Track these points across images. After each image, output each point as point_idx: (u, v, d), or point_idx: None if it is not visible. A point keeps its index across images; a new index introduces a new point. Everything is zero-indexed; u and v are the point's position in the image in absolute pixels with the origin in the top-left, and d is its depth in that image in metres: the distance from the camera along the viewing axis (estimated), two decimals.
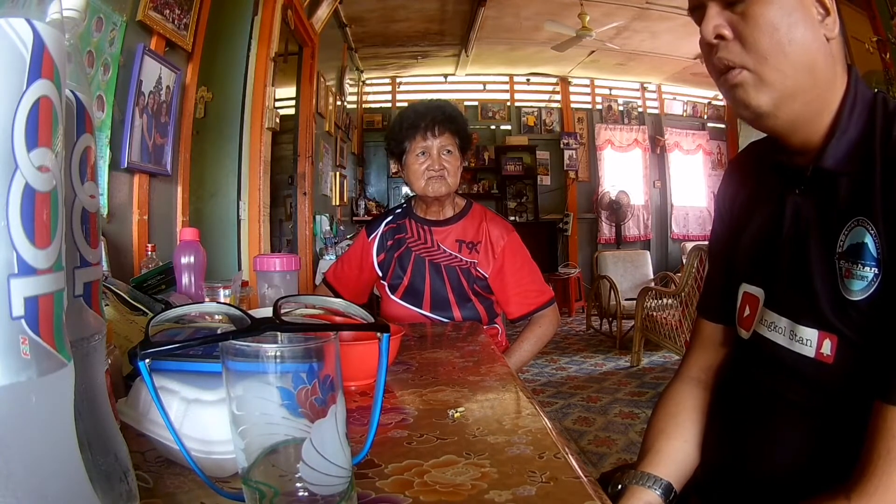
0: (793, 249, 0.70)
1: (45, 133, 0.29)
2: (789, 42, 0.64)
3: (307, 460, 0.39)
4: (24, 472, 0.28)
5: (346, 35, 5.51)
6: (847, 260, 0.63)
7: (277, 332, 0.42)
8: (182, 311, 0.47)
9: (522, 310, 1.54)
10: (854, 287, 0.62)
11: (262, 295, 1.18)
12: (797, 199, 0.71)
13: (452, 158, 1.52)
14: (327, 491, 0.40)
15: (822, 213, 0.68)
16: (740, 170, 0.86)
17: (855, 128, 0.66)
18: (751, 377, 0.76)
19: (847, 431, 0.61)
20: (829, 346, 0.65)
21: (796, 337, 0.68)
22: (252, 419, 0.39)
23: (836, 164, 0.66)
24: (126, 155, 1.81)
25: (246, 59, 2.72)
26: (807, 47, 0.65)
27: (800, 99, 0.66)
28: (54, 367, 0.29)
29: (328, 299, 0.53)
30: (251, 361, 0.38)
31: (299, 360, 0.39)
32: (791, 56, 0.65)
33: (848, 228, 0.63)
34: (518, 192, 7.14)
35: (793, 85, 0.66)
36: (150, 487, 0.50)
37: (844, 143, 0.65)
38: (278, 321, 0.42)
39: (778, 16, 0.65)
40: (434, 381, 0.86)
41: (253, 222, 2.74)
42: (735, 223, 0.82)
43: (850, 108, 0.66)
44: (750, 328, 0.76)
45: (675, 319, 3.55)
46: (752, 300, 0.77)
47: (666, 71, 6.81)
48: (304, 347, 0.40)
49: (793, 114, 0.67)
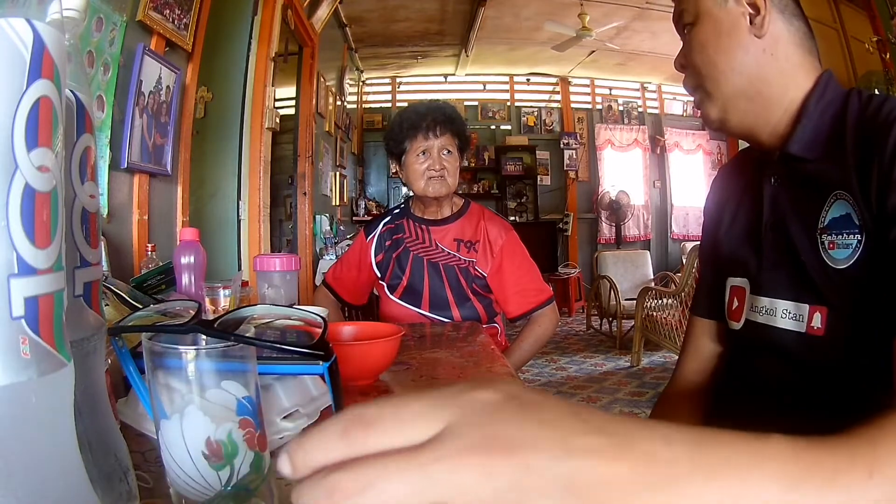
0: (774, 234, 0.74)
1: (45, 133, 0.29)
2: (716, 52, 0.73)
3: (165, 457, 0.40)
4: (24, 472, 0.28)
5: (346, 35, 5.51)
6: (830, 233, 0.66)
7: (203, 334, 0.42)
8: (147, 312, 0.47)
9: (521, 308, 1.54)
10: (839, 256, 0.65)
11: (262, 295, 1.19)
12: (773, 187, 0.75)
13: (452, 159, 1.52)
14: (193, 496, 0.40)
15: (796, 195, 0.71)
16: (728, 176, 0.89)
17: (822, 117, 0.69)
18: (746, 366, 0.78)
19: (840, 413, 0.62)
20: (819, 319, 0.67)
21: (789, 314, 0.71)
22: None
23: (802, 149, 0.70)
24: (126, 155, 1.81)
25: (246, 59, 2.72)
26: (732, 52, 0.72)
27: (742, 97, 0.73)
28: (54, 367, 0.29)
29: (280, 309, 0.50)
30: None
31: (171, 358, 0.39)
32: (720, 64, 0.73)
33: (829, 204, 0.67)
34: (518, 192, 7.14)
35: (729, 88, 0.73)
36: (150, 487, 0.50)
37: (810, 130, 0.69)
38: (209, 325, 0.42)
39: (705, 35, 0.74)
40: (434, 381, 0.86)
41: (253, 222, 2.74)
42: (721, 222, 0.86)
43: (817, 100, 0.70)
44: (740, 318, 0.79)
45: (675, 319, 3.55)
46: (738, 292, 0.80)
47: (666, 71, 6.81)
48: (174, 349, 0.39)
49: (741, 113, 0.74)
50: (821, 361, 0.67)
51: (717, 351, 0.88)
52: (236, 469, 0.39)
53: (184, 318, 0.43)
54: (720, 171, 0.94)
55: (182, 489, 0.39)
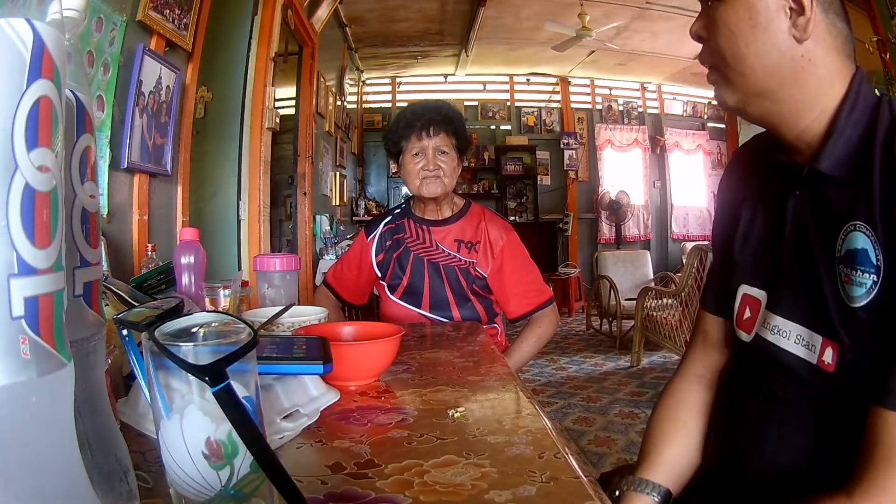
0: (796, 253, 0.69)
1: (45, 133, 0.29)
2: (746, 45, 0.66)
3: (165, 457, 0.40)
4: (24, 472, 0.28)
5: (346, 35, 5.51)
6: (846, 265, 0.62)
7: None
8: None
9: (522, 309, 1.54)
10: (854, 294, 0.61)
11: (263, 295, 1.19)
12: (797, 200, 0.70)
13: (448, 159, 1.51)
14: (193, 496, 0.39)
15: (820, 216, 0.67)
16: (743, 163, 0.84)
17: (854, 130, 0.64)
18: (751, 379, 0.75)
19: (846, 435, 0.61)
20: (831, 355, 0.64)
21: (802, 341, 0.68)
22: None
23: (833, 167, 0.65)
24: (126, 155, 1.81)
25: (246, 59, 2.72)
26: (766, 52, 0.65)
27: (768, 98, 0.67)
28: (54, 367, 0.29)
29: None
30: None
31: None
32: (749, 59, 0.66)
33: (844, 233, 0.62)
34: (518, 192, 7.14)
35: (755, 87, 0.67)
36: (150, 487, 0.50)
37: (842, 146, 0.64)
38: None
39: (736, 20, 0.66)
40: (434, 381, 0.86)
41: (253, 222, 2.73)
42: (737, 219, 0.81)
43: (849, 110, 0.65)
44: (751, 331, 0.75)
45: (675, 319, 3.55)
46: (753, 302, 0.76)
47: (666, 71, 6.81)
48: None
49: (763, 111, 0.69)
50: (827, 393, 0.65)
51: (726, 349, 0.86)
52: (236, 469, 0.39)
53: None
54: (734, 157, 0.87)
55: (182, 489, 0.39)
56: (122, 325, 0.45)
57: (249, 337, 0.39)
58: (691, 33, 0.72)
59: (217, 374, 0.35)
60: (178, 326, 0.42)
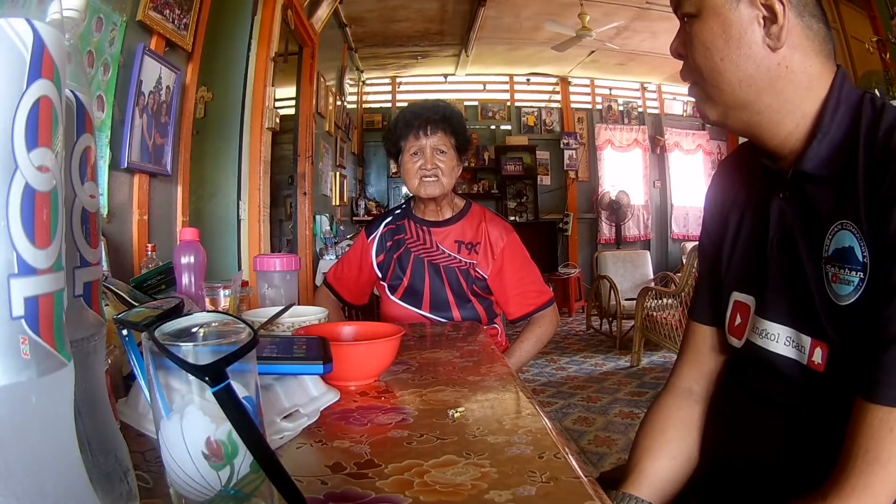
0: (781, 255, 0.69)
1: (45, 133, 0.29)
2: (721, 60, 0.66)
3: (165, 457, 0.40)
4: (24, 472, 0.28)
5: (346, 35, 5.51)
6: (833, 264, 0.62)
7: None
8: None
9: (522, 310, 1.53)
10: (842, 292, 0.61)
11: (263, 295, 1.19)
12: (781, 203, 0.70)
13: (447, 159, 1.51)
14: (193, 496, 0.39)
15: (805, 216, 0.67)
16: (730, 171, 0.84)
17: (838, 130, 0.64)
18: (744, 383, 0.75)
19: (840, 434, 0.61)
20: (821, 355, 0.64)
21: (791, 343, 0.68)
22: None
23: (817, 167, 0.65)
24: (126, 155, 1.81)
25: (246, 59, 2.72)
26: (741, 64, 0.65)
27: (747, 110, 0.67)
28: (54, 367, 0.29)
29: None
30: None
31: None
32: (725, 74, 0.66)
33: (832, 232, 0.62)
34: (518, 192, 7.14)
35: (733, 100, 0.67)
36: (150, 487, 0.50)
37: (826, 146, 0.64)
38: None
39: (710, 36, 0.66)
40: (434, 381, 0.86)
41: (253, 222, 2.73)
42: (724, 226, 0.81)
43: (833, 111, 0.64)
44: (742, 336, 0.75)
45: (675, 319, 3.55)
46: (742, 308, 0.76)
47: (666, 71, 6.81)
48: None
49: (743, 122, 0.69)
50: (821, 394, 0.64)
51: (717, 358, 0.84)
52: (236, 469, 0.39)
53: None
54: (721, 165, 0.88)
55: (182, 489, 0.39)
56: (122, 325, 0.45)
57: (249, 337, 0.39)
58: (671, 51, 0.73)
59: (217, 374, 0.35)
60: (178, 326, 0.41)
